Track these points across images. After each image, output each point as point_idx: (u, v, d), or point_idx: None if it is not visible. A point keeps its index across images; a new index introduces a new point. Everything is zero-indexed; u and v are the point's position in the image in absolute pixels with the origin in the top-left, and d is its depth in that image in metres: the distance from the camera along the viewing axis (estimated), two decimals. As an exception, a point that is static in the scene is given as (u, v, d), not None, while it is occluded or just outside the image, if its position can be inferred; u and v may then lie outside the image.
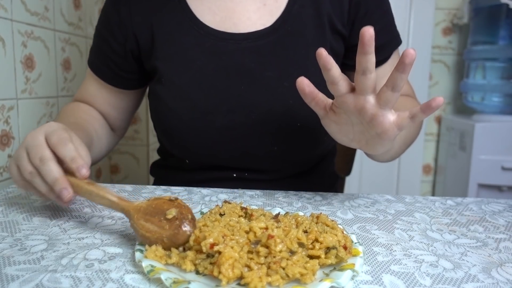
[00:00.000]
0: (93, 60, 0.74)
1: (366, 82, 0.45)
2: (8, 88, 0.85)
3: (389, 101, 0.46)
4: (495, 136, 1.39)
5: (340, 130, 0.52)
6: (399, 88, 0.45)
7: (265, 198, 0.62)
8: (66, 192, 0.47)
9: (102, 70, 0.73)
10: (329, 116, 0.51)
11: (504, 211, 0.59)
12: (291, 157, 0.70)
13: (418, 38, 1.61)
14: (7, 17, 0.84)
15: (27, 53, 0.91)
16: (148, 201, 0.44)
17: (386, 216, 0.55)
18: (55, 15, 1.03)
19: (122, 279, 0.37)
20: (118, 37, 0.70)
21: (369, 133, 0.49)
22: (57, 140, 0.49)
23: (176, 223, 0.40)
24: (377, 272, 0.39)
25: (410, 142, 0.69)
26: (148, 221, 0.42)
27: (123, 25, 0.69)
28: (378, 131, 0.47)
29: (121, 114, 0.78)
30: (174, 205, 0.42)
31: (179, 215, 0.41)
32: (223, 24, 0.67)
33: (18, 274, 0.37)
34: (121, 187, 0.67)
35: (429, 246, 0.45)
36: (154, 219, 0.42)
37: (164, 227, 0.40)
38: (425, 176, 1.76)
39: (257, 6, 0.67)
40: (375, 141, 0.50)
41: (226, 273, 0.34)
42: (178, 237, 0.40)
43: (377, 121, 0.47)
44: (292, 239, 0.38)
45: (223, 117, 0.65)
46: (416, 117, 0.46)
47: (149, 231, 0.41)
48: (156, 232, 0.41)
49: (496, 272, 0.39)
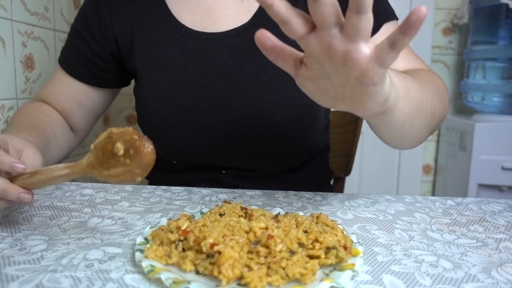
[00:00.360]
0: (66, 58, 0.74)
1: (322, 10, 0.34)
2: (8, 88, 0.85)
3: (359, 30, 0.35)
4: (495, 136, 1.39)
5: (318, 88, 0.42)
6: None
7: (265, 198, 0.62)
8: (24, 195, 0.45)
9: (76, 68, 0.73)
10: (301, 72, 0.41)
11: (504, 211, 0.59)
12: (274, 152, 0.70)
13: (418, 38, 1.61)
14: (7, 17, 0.84)
15: (27, 53, 0.91)
16: (92, 152, 0.42)
17: (386, 216, 0.55)
18: (55, 15, 1.03)
19: (122, 279, 0.37)
20: (98, 38, 0.70)
21: (349, 81, 0.39)
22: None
23: (131, 152, 0.39)
24: (377, 272, 0.39)
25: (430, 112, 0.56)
26: (109, 168, 0.40)
27: (103, 26, 0.69)
28: (356, 73, 0.37)
29: (86, 113, 0.78)
30: (114, 139, 0.40)
31: (127, 144, 0.39)
32: (202, 23, 0.67)
33: (18, 274, 0.37)
34: (121, 187, 0.67)
35: (429, 246, 0.45)
36: (111, 163, 0.40)
37: (126, 163, 0.39)
38: (425, 176, 1.76)
39: (235, 3, 0.68)
40: (360, 92, 0.39)
41: (226, 273, 0.34)
42: (145, 161, 0.39)
43: (351, 60, 0.36)
44: (292, 239, 0.38)
45: (204, 115, 0.66)
46: (397, 43, 0.34)
47: (118, 175, 0.40)
48: (125, 171, 0.39)
49: (496, 272, 0.39)
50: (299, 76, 0.42)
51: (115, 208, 0.57)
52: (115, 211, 0.55)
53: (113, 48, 0.71)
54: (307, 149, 0.74)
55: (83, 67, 0.72)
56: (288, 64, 0.41)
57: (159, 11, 0.68)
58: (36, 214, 0.54)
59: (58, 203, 0.58)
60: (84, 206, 0.57)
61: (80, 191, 0.64)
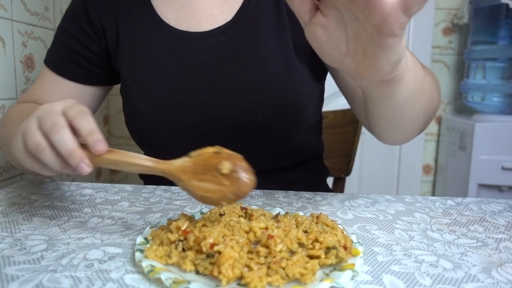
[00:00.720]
0: (54, 59, 0.72)
1: None
2: (8, 88, 0.85)
3: None
4: (495, 136, 1.39)
5: (330, 39, 0.39)
6: None
7: (265, 198, 0.62)
8: (84, 166, 0.40)
9: (67, 67, 0.71)
10: (315, 20, 0.38)
11: (504, 211, 0.59)
12: (257, 152, 0.69)
13: (418, 38, 1.61)
14: (7, 17, 0.84)
15: (27, 53, 0.91)
16: (192, 158, 0.40)
17: (386, 216, 0.55)
18: (55, 15, 1.03)
19: (122, 279, 0.37)
20: (90, 34, 0.70)
21: (366, 31, 0.36)
22: (76, 111, 0.43)
23: (234, 175, 0.37)
24: (377, 272, 0.39)
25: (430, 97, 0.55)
26: (201, 180, 0.39)
27: (93, 23, 0.69)
28: (377, 18, 0.34)
29: None
30: (222, 157, 0.39)
31: (234, 166, 0.38)
32: (186, 22, 0.67)
33: (18, 274, 0.37)
34: (121, 187, 0.67)
35: (429, 246, 0.45)
36: (207, 177, 0.38)
37: (224, 183, 0.38)
38: (425, 176, 1.76)
39: (218, 1, 0.68)
40: (375, 45, 0.36)
41: (226, 273, 0.34)
42: (243, 189, 0.37)
43: (374, 2, 0.33)
44: (292, 239, 0.38)
45: (186, 114, 0.66)
46: None
47: (208, 191, 0.38)
48: (218, 190, 0.38)
49: (496, 272, 0.39)
50: (311, 24, 0.38)
51: (115, 208, 0.57)
52: (115, 211, 0.55)
53: (104, 45, 0.70)
54: (293, 149, 0.73)
55: (76, 64, 0.71)
56: (305, 8, 0.38)
57: (143, 10, 0.68)
58: (36, 214, 0.54)
59: (58, 203, 0.58)
60: (84, 206, 0.57)
61: (80, 191, 0.64)
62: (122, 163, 0.41)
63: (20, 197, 0.61)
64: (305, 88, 0.68)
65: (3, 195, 0.62)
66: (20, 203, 0.58)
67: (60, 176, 1.06)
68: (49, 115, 0.42)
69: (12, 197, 0.61)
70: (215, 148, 0.40)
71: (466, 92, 1.57)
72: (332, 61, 0.41)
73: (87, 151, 0.41)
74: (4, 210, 0.55)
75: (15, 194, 0.62)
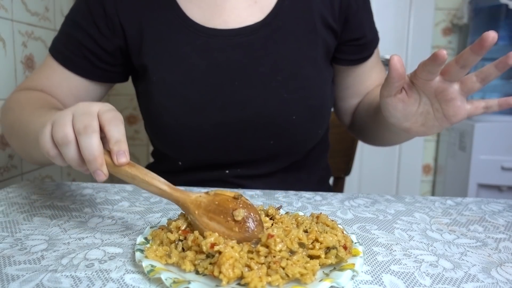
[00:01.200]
0: (61, 51, 0.70)
1: (460, 75, 0.48)
2: (9, 88, 0.85)
3: (473, 91, 0.49)
4: (495, 136, 1.39)
5: (405, 110, 0.53)
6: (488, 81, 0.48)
7: (265, 198, 0.62)
8: (101, 174, 0.42)
9: (75, 61, 0.69)
10: (399, 95, 0.52)
11: (503, 211, 0.59)
12: (286, 151, 0.71)
13: (418, 38, 1.61)
14: (8, 17, 0.84)
15: (28, 53, 0.91)
16: (209, 196, 0.41)
17: (386, 216, 0.55)
18: (56, 15, 1.03)
19: (122, 279, 0.37)
20: (103, 30, 0.68)
21: (435, 115, 0.52)
22: (111, 117, 0.44)
23: (246, 225, 0.38)
24: (377, 272, 0.39)
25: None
26: (212, 219, 0.39)
27: (109, 18, 0.67)
28: (451, 113, 0.51)
29: None
30: (239, 204, 0.40)
31: (247, 216, 0.39)
32: (212, 21, 0.67)
33: (18, 274, 0.37)
34: (121, 187, 0.67)
35: (429, 246, 0.45)
36: (219, 218, 0.39)
37: (233, 229, 0.39)
38: (425, 176, 1.76)
39: (247, 4, 0.68)
40: (436, 123, 0.53)
41: (227, 273, 0.34)
42: (247, 241, 0.38)
43: (454, 105, 0.50)
44: (293, 239, 0.38)
45: (217, 113, 0.66)
46: (491, 109, 0.50)
47: (215, 231, 0.38)
48: (225, 233, 0.38)
49: (496, 272, 0.40)
50: (395, 97, 0.52)
51: (115, 208, 0.57)
52: (115, 211, 0.55)
53: (121, 42, 0.69)
54: (313, 148, 0.76)
55: (84, 60, 0.69)
56: (399, 87, 0.51)
57: (169, 8, 0.67)
58: (37, 214, 0.54)
59: (59, 203, 0.58)
60: (84, 206, 0.57)
61: (80, 191, 0.64)
62: (140, 180, 0.42)
63: (21, 197, 0.61)
64: (331, 91, 0.73)
65: (3, 195, 0.62)
66: (20, 203, 0.58)
67: (60, 176, 1.06)
68: (85, 116, 0.43)
69: (13, 197, 0.61)
70: (235, 193, 0.41)
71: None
72: (395, 122, 0.55)
73: (108, 158, 0.42)
74: (4, 210, 0.55)
75: (16, 194, 0.62)
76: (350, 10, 0.69)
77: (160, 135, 0.70)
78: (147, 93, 0.68)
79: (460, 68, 0.47)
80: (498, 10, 1.44)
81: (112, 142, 0.42)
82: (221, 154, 0.69)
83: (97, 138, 0.42)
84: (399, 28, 1.63)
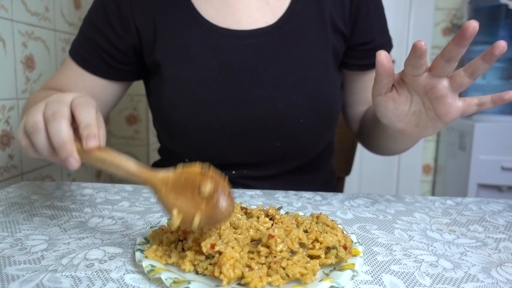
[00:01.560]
0: (78, 51, 0.71)
1: (448, 69, 0.46)
2: (9, 88, 0.85)
3: (462, 86, 0.47)
4: (495, 136, 1.39)
5: (396, 109, 0.51)
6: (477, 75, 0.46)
7: (265, 198, 0.62)
8: (73, 161, 0.40)
9: (91, 61, 0.71)
10: (390, 94, 0.51)
11: (503, 211, 0.59)
12: (292, 153, 0.71)
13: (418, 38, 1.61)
14: (8, 17, 0.84)
15: (28, 53, 0.91)
16: (176, 172, 0.39)
17: (386, 216, 0.55)
18: (56, 15, 1.03)
19: (122, 279, 0.37)
20: (117, 30, 0.69)
21: (428, 114, 0.50)
22: (81, 102, 0.42)
23: (213, 201, 0.35)
24: (377, 272, 0.39)
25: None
26: (179, 196, 0.37)
27: (124, 18, 0.68)
28: (442, 111, 0.48)
29: (101, 107, 0.76)
30: (207, 177, 0.37)
31: (216, 191, 0.36)
32: (225, 21, 0.68)
33: (19, 274, 0.37)
34: (121, 187, 0.67)
35: (429, 246, 0.45)
36: (186, 194, 0.37)
37: (200, 206, 0.36)
38: (425, 176, 1.76)
39: (260, 5, 0.68)
40: (429, 124, 0.51)
41: (227, 274, 0.34)
42: (216, 218, 0.36)
43: (445, 102, 0.48)
44: (293, 239, 0.38)
45: (227, 112, 0.66)
46: (484, 106, 0.48)
47: (181, 209, 0.36)
48: (191, 211, 0.36)
49: (495, 272, 0.40)
50: (385, 96, 0.51)
51: (115, 208, 0.57)
52: (115, 211, 0.55)
53: (135, 41, 0.69)
54: (319, 151, 0.76)
55: (99, 60, 0.70)
56: (388, 85, 0.49)
57: (181, 5, 0.68)
58: (37, 214, 0.54)
59: (59, 203, 0.58)
60: (84, 206, 0.57)
61: (80, 191, 0.64)
62: (109, 163, 0.40)
63: (21, 197, 0.61)
64: (339, 96, 0.73)
65: (3, 195, 0.62)
66: (20, 203, 0.58)
67: (60, 176, 1.06)
68: (55, 103, 0.42)
69: (13, 197, 0.61)
70: (201, 166, 0.39)
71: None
72: (387, 122, 0.53)
73: (79, 145, 0.40)
74: (4, 210, 0.55)
75: (16, 194, 0.62)
76: (360, 13, 0.69)
77: (168, 132, 0.71)
78: (157, 90, 0.69)
79: (446, 62, 0.45)
80: (498, 10, 1.44)
81: (82, 126, 0.41)
82: (227, 154, 0.70)
83: (65, 123, 0.41)
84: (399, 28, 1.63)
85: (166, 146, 0.76)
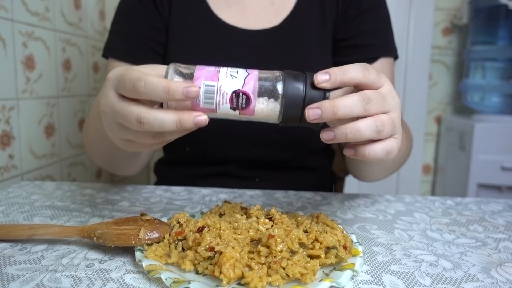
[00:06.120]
0: (120, 49, 0.70)
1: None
2: (9, 88, 0.85)
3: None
4: (495, 136, 1.39)
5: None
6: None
7: (265, 198, 0.63)
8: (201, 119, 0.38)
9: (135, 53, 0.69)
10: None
11: (503, 211, 0.59)
12: (289, 146, 0.72)
13: (418, 38, 1.61)
14: (8, 18, 0.84)
15: (28, 53, 0.91)
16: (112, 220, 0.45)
17: (386, 216, 0.55)
18: (56, 16, 1.03)
19: (122, 279, 0.37)
20: (154, 13, 0.69)
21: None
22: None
23: (155, 222, 0.42)
24: (377, 272, 0.39)
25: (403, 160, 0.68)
26: (122, 225, 0.42)
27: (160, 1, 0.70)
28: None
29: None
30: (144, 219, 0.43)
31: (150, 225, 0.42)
32: (234, 17, 0.70)
33: (19, 273, 0.37)
34: (121, 187, 0.67)
35: (428, 246, 0.45)
36: (128, 223, 0.43)
37: (143, 224, 0.42)
38: (424, 176, 1.76)
39: (265, 5, 0.71)
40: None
41: (228, 273, 0.34)
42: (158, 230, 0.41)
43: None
44: (293, 239, 0.38)
45: None
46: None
47: (125, 229, 0.41)
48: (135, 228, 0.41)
49: (495, 271, 0.40)
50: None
51: (115, 208, 0.57)
52: (115, 211, 0.55)
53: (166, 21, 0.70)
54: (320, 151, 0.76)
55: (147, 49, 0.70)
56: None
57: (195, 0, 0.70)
58: (37, 214, 0.54)
59: (59, 203, 0.58)
60: (84, 206, 0.57)
61: (80, 191, 0.64)
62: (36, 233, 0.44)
63: (21, 197, 0.61)
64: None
65: (3, 195, 0.62)
66: (20, 203, 0.58)
67: (60, 176, 1.06)
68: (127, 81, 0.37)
69: (13, 197, 0.61)
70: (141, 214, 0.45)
71: (466, 92, 1.57)
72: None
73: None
74: (4, 210, 0.55)
75: (16, 194, 0.62)
76: (348, 10, 0.69)
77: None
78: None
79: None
80: (498, 10, 1.44)
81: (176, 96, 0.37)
82: (226, 148, 0.70)
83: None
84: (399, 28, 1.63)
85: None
